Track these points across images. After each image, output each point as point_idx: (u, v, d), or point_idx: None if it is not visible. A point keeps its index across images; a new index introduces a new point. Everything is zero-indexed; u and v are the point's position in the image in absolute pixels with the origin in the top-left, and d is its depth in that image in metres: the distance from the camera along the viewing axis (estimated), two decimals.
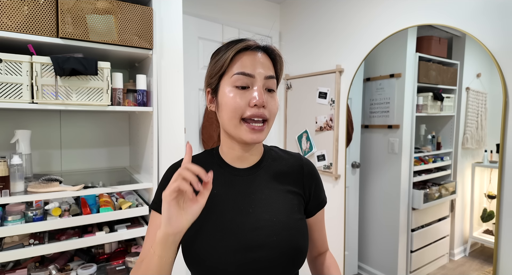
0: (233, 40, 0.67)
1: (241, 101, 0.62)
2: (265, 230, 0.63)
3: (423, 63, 1.74)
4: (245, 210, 0.65)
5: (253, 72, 0.63)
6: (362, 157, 2.09)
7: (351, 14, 2.00)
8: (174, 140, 1.49)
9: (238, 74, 0.62)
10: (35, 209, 1.18)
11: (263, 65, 0.64)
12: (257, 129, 0.62)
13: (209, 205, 0.63)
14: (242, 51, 0.65)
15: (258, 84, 0.63)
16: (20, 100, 1.13)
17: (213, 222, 0.64)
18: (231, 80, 0.63)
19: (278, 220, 0.65)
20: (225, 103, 0.64)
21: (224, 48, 0.66)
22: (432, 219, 1.81)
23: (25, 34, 1.14)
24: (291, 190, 0.71)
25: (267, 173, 0.71)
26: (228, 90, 0.63)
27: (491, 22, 1.36)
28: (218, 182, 0.68)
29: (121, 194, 1.49)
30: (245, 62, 0.63)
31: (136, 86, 1.42)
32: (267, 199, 0.67)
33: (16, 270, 1.21)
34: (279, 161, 0.74)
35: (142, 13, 1.33)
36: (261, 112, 0.62)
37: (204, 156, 0.75)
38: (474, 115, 1.55)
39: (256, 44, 0.65)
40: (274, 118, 0.66)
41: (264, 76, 0.63)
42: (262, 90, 0.63)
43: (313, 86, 2.25)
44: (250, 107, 0.62)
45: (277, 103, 0.66)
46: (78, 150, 1.66)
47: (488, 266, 1.42)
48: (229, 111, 0.63)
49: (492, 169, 1.48)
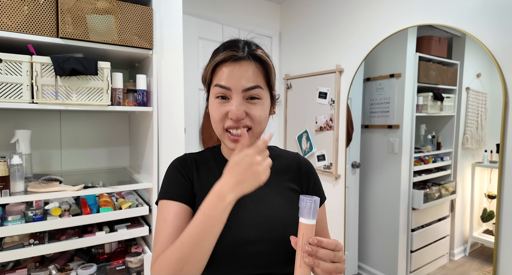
0: (225, 44, 0.68)
1: (220, 113, 0.64)
2: (265, 225, 0.65)
3: (423, 63, 1.74)
4: (246, 206, 0.67)
5: (229, 85, 0.63)
6: (362, 157, 2.09)
7: (351, 14, 2.00)
8: (174, 140, 1.49)
9: (217, 86, 0.65)
10: (35, 209, 1.18)
11: (243, 76, 0.64)
12: (237, 140, 0.64)
13: None
14: (223, 61, 0.65)
15: (235, 97, 0.64)
16: (20, 100, 1.13)
17: None
18: (213, 92, 0.66)
19: (278, 216, 0.67)
20: (211, 113, 0.68)
21: (215, 53, 0.68)
22: (432, 219, 1.81)
23: (25, 34, 1.14)
24: (290, 187, 0.73)
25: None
26: (212, 100, 0.67)
27: (491, 22, 1.36)
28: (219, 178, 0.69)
29: (121, 194, 1.49)
30: (222, 74, 0.65)
31: (136, 86, 1.42)
32: (267, 196, 0.70)
33: (16, 270, 1.21)
34: (278, 159, 0.76)
35: (142, 13, 1.33)
36: (240, 123, 0.64)
37: (206, 153, 0.78)
38: (474, 115, 1.55)
39: (238, 55, 0.64)
40: (262, 124, 0.67)
41: (242, 88, 0.63)
42: (240, 102, 0.63)
43: (313, 86, 2.25)
44: (229, 119, 0.64)
45: (263, 108, 0.66)
46: (78, 150, 1.66)
47: (488, 266, 1.42)
48: (213, 121, 0.67)
49: (492, 169, 1.48)
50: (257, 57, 0.67)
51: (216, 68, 0.66)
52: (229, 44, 0.67)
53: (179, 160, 0.75)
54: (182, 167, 0.72)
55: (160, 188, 0.74)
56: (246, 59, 0.65)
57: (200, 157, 0.76)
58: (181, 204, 0.67)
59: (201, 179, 0.71)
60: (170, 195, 0.68)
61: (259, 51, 0.68)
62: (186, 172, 0.71)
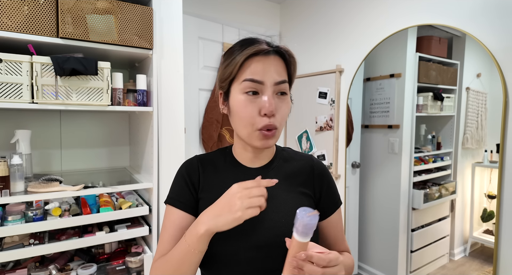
0: (245, 40, 0.66)
1: (252, 111, 0.61)
2: (275, 230, 0.64)
3: (423, 63, 1.74)
4: None
5: (263, 79, 0.61)
6: (362, 157, 2.09)
7: (351, 14, 2.00)
8: (174, 140, 1.49)
9: (248, 81, 0.61)
10: (35, 209, 1.18)
11: (275, 70, 0.63)
12: (269, 135, 0.62)
13: None
14: (253, 55, 0.63)
15: (268, 91, 0.61)
16: (20, 100, 1.13)
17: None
18: (241, 87, 0.62)
19: (287, 221, 0.65)
20: (236, 111, 0.64)
21: (236, 50, 0.65)
22: (432, 219, 1.81)
23: (25, 34, 1.13)
24: (301, 191, 0.71)
25: (277, 174, 0.71)
26: (239, 97, 0.63)
27: (491, 22, 1.36)
28: (229, 180, 0.68)
29: (121, 194, 1.49)
30: (255, 68, 0.62)
31: (136, 86, 1.42)
32: (277, 200, 0.68)
33: (16, 270, 1.21)
34: (290, 162, 0.74)
35: (142, 13, 1.33)
36: (272, 122, 0.61)
37: (217, 154, 0.76)
38: (474, 115, 1.55)
39: (268, 48, 0.63)
40: (284, 122, 0.66)
41: (275, 82, 0.62)
42: (273, 97, 0.62)
43: (313, 86, 2.25)
44: (261, 117, 0.61)
45: (288, 106, 0.66)
46: (78, 150, 1.66)
47: (488, 266, 1.42)
48: (241, 120, 0.63)
49: (492, 168, 1.48)
50: (285, 51, 0.66)
51: (245, 62, 0.63)
52: (251, 40, 0.65)
53: (185, 164, 0.74)
54: (187, 172, 0.72)
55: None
56: (274, 54, 0.64)
57: (209, 158, 0.75)
58: (180, 211, 0.68)
59: (208, 181, 0.71)
60: (173, 201, 0.70)
61: (283, 46, 0.66)
62: (190, 177, 0.71)
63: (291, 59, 0.66)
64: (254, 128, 0.62)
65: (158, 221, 1.42)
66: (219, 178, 0.71)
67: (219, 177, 0.71)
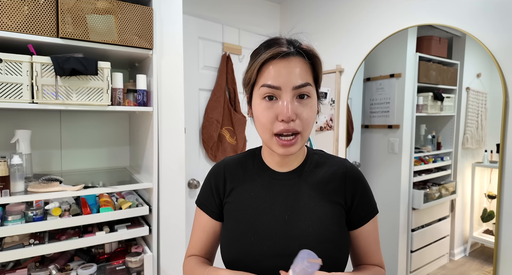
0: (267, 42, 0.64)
1: (269, 116, 0.60)
2: (299, 240, 0.61)
3: (423, 63, 1.74)
4: (280, 216, 0.64)
5: (279, 84, 0.59)
6: (362, 157, 2.08)
7: (351, 14, 2.00)
8: (174, 140, 1.49)
9: (264, 87, 0.60)
10: (35, 209, 1.18)
11: (293, 73, 0.60)
12: (288, 144, 0.60)
13: (245, 206, 0.67)
14: (270, 59, 0.61)
15: (284, 96, 0.59)
16: (20, 100, 1.13)
17: (247, 224, 0.65)
18: (259, 92, 0.61)
19: (314, 230, 0.62)
20: (256, 116, 0.63)
21: (254, 55, 0.64)
22: (432, 219, 1.81)
23: (25, 34, 1.13)
24: (331, 200, 0.66)
25: (307, 180, 0.68)
26: (258, 103, 0.62)
27: (491, 22, 1.36)
28: (256, 184, 0.69)
29: (121, 194, 1.49)
30: (270, 73, 0.60)
31: (136, 86, 1.42)
32: (305, 207, 0.65)
33: (16, 270, 1.21)
34: (321, 167, 0.70)
35: (142, 13, 1.33)
36: (291, 127, 0.59)
37: (246, 156, 0.75)
38: (474, 115, 1.55)
39: (285, 50, 0.60)
40: (311, 127, 0.63)
41: (293, 86, 0.59)
42: (291, 102, 0.59)
43: None
44: (279, 122, 0.59)
45: (312, 109, 0.62)
46: (78, 150, 1.66)
47: (488, 266, 1.42)
48: (260, 125, 0.63)
49: (492, 169, 1.48)
50: (306, 51, 0.62)
51: (262, 67, 0.61)
52: (271, 42, 0.63)
53: (213, 169, 0.75)
54: (213, 179, 0.73)
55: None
56: (294, 55, 0.61)
57: (238, 161, 0.74)
58: (205, 215, 0.72)
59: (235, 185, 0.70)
60: (200, 203, 0.74)
61: (305, 45, 0.64)
62: (215, 184, 0.72)
63: (315, 59, 0.64)
64: (271, 133, 0.61)
65: (158, 221, 1.42)
66: (246, 182, 0.70)
67: (247, 181, 0.70)
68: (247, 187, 0.69)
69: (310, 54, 0.63)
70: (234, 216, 0.68)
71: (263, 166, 0.71)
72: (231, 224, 0.66)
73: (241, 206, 0.67)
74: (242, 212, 0.65)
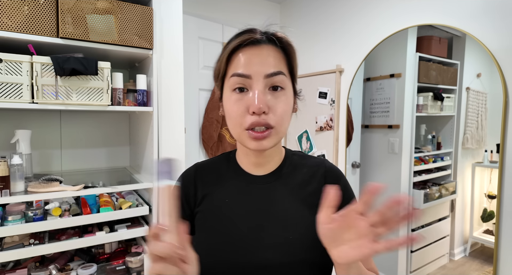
0: (239, 32, 0.59)
1: (239, 109, 0.54)
2: (280, 248, 0.56)
3: (423, 63, 1.74)
4: (259, 224, 0.58)
5: (249, 72, 0.54)
6: (362, 157, 2.08)
7: (351, 14, 2.00)
8: (174, 140, 1.49)
9: (234, 76, 0.55)
10: (35, 209, 1.18)
11: (264, 60, 0.55)
12: (260, 137, 0.54)
13: (219, 215, 0.60)
14: (239, 48, 0.56)
15: (257, 85, 0.54)
16: (20, 100, 1.13)
17: (222, 235, 0.58)
18: (229, 84, 0.56)
19: (296, 238, 0.57)
20: (226, 110, 0.58)
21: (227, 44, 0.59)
22: (432, 219, 1.81)
23: (25, 34, 1.13)
24: (313, 203, 0.61)
25: (286, 182, 0.63)
26: (228, 96, 0.57)
27: (492, 22, 1.36)
28: (231, 190, 0.63)
29: (121, 194, 1.49)
30: (240, 61, 0.55)
31: (136, 86, 1.42)
32: (285, 213, 0.59)
33: (16, 270, 1.21)
34: (300, 168, 0.65)
35: (142, 13, 1.33)
36: (262, 120, 0.53)
37: (220, 160, 0.69)
38: (474, 115, 1.55)
39: (257, 37, 0.55)
40: (286, 123, 0.58)
41: (264, 74, 0.54)
42: (263, 92, 0.54)
43: (313, 86, 2.25)
44: (250, 115, 0.54)
45: (287, 102, 0.57)
46: (78, 150, 1.66)
47: (488, 266, 1.42)
48: (231, 120, 0.57)
49: (492, 169, 1.47)
50: (279, 39, 0.57)
51: (232, 55, 0.56)
52: (243, 31, 0.58)
53: (182, 175, 0.68)
54: (183, 184, 0.66)
55: None
56: (266, 43, 0.56)
57: (210, 165, 0.68)
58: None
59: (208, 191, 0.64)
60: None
61: (280, 33, 0.58)
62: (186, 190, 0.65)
63: (288, 47, 0.58)
64: (243, 128, 0.55)
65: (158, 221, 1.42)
66: (220, 187, 0.64)
67: (220, 187, 0.64)
68: (220, 193, 0.63)
69: (283, 42, 0.57)
70: (206, 226, 0.61)
71: (238, 170, 0.65)
72: (204, 235, 0.59)
73: (215, 215, 0.60)
74: (216, 222, 0.59)
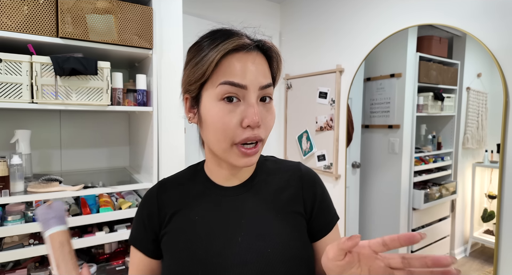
0: (219, 32, 0.52)
1: (230, 122, 0.49)
2: (258, 264, 0.51)
3: (424, 63, 1.74)
4: (233, 239, 0.53)
5: (245, 82, 0.49)
6: (363, 157, 2.08)
7: (352, 13, 2.00)
8: (174, 140, 1.48)
9: (226, 84, 0.49)
10: (35, 209, 1.18)
11: (259, 71, 0.50)
12: (251, 153, 0.51)
13: (189, 234, 0.55)
14: (231, 52, 0.50)
15: (251, 97, 0.49)
16: (20, 100, 1.13)
17: (193, 256, 0.53)
18: (217, 92, 0.49)
19: (274, 251, 0.53)
20: (211, 121, 0.51)
21: (207, 44, 0.51)
22: (433, 219, 1.80)
23: (25, 34, 1.13)
24: (290, 210, 0.57)
25: (260, 191, 0.58)
26: (213, 105, 0.50)
27: (492, 21, 1.36)
28: (201, 205, 0.57)
29: (121, 194, 1.49)
30: (234, 68, 0.49)
31: (136, 86, 1.42)
32: (260, 225, 0.55)
33: (16, 270, 1.21)
34: (274, 174, 0.61)
35: (142, 12, 1.33)
36: (256, 134, 0.50)
37: (186, 173, 0.64)
38: (474, 115, 1.55)
39: (250, 43, 0.50)
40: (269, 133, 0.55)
41: (260, 86, 0.50)
42: (257, 105, 0.50)
43: (313, 86, 2.25)
44: (243, 129, 0.49)
45: (273, 114, 0.54)
46: (78, 150, 1.66)
47: (489, 266, 1.42)
48: (217, 133, 0.51)
49: (492, 169, 1.47)
50: (270, 48, 0.53)
51: (222, 60, 0.49)
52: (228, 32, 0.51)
53: (145, 196, 0.63)
54: (146, 205, 0.61)
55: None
56: (256, 50, 0.52)
57: (176, 180, 0.63)
58: (139, 253, 0.60)
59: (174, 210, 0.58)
60: (132, 239, 0.62)
61: (269, 42, 0.54)
62: (149, 211, 0.60)
63: (276, 56, 0.54)
64: (231, 142, 0.50)
65: None
66: (189, 204, 0.58)
67: (189, 203, 0.58)
68: (189, 210, 0.57)
69: (274, 51, 0.53)
70: (175, 248, 0.55)
71: (208, 182, 0.60)
72: (173, 258, 0.54)
73: (184, 235, 0.55)
74: (186, 242, 0.54)
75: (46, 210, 0.47)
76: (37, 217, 0.48)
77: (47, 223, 0.48)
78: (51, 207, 0.48)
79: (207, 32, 0.53)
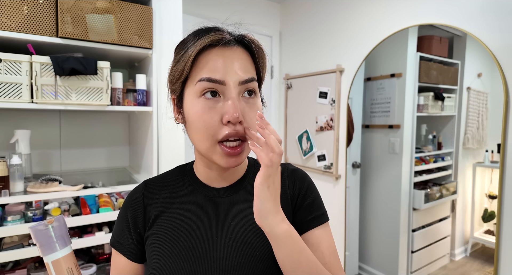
0: (201, 29, 0.51)
1: (211, 119, 0.48)
2: (246, 269, 0.50)
3: (424, 63, 1.74)
4: (221, 242, 0.52)
5: (224, 78, 0.48)
6: (363, 157, 2.08)
7: (352, 13, 1.99)
8: (174, 140, 1.48)
9: (204, 81, 0.48)
10: (35, 209, 1.18)
11: (239, 65, 0.49)
12: (233, 153, 0.49)
13: (175, 237, 0.53)
14: (209, 47, 0.49)
15: (231, 93, 0.48)
16: (19, 100, 1.13)
17: (178, 260, 0.51)
18: (196, 89, 0.49)
19: (263, 254, 0.51)
20: (192, 120, 0.50)
21: (187, 43, 0.50)
22: (433, 219, 1.80)
23: (24, 34, 1.13)
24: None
25: (250, 193, 0.56)
26: (194, 103, 0.49)
27: (492, 21, 1.36)
28: (188, 206, 0.56)
29: (120, 194, 1.49)
30: (213, 63, 0.48)
31: (136, 86, 1.42)
32: (249, 227, 0.53)
33: (16, 270, 1.21)
34: None
35: (142, 12, 1.33)
36: (238, 130, 0.48)
37: (174, 173, 0.62)
38: (475, 115, 1.55)
39: (228, 37, 0.49)
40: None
41: (240, 81, 0.49)
42: (238, 100, 0.49)
43: (313, 86, 2.25)
44: (224, 125, 0.48)
45: (258, 109, 0.52)
46: (78, 150, 1.66)
47: (489, 267, 1.42)
48: (198, 132, 0.50)
49: (493, 169, 1.47)
50: (251, 42, 0.52)
51: (199, 57, 0.49)
52: (208, 29, 0.51)
53: (129, 196, 0.61)
54: (130, 206, 0.59)
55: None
56: (237, 45, 0.51)
57: (163, 181, 0.61)
58: (122, 257, 0.58)
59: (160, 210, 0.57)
60: (114, 242, 0.60)
61: (251, 36, 0.53)
62: (133, 212, 0.58)
63: (259, 50, 0.53)
64: (214, 140, 0.49)
65: None
66: (175, 205, 0.57)
67: (176, 204, 0.57)
68: (176, 211, 0.56)
69: (255, 45, 0.52)
70: (160, 251, 0.53)
71: (196, 183, 0.58)
72: (157, 262, 0.52)
73: (169, 237, 0.53)
74: (171, 244, 0.52)
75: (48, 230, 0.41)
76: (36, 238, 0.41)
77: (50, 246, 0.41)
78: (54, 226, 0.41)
79: (193, 30, 0.53)
